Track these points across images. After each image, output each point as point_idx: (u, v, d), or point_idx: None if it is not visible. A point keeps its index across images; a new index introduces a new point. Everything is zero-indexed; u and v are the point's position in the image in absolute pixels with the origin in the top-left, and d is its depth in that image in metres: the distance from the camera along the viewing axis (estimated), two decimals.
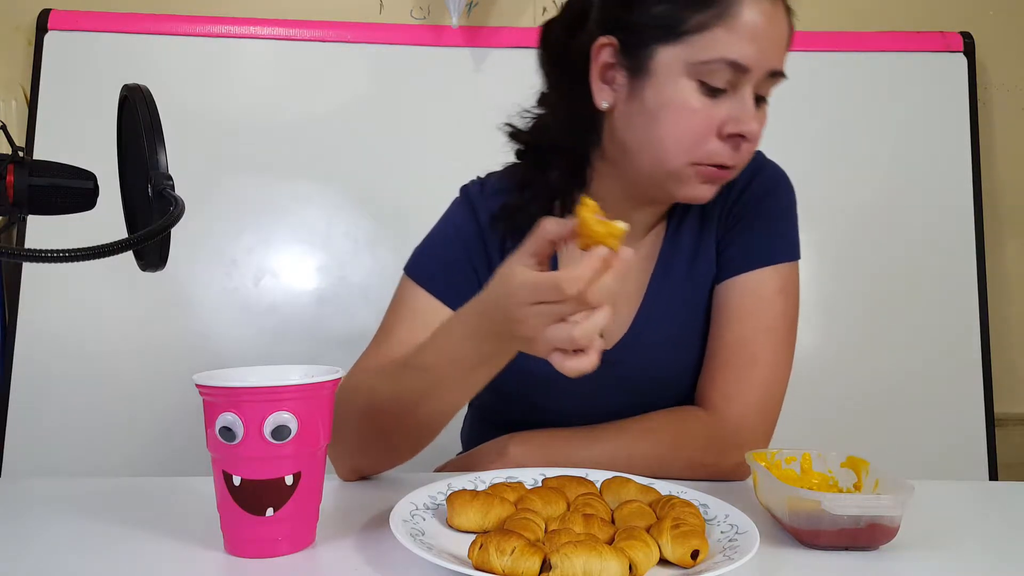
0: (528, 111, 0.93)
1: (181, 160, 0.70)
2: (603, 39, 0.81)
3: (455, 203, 0.97)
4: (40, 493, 0.78)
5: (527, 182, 0.91)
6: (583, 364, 0.60)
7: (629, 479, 0.72)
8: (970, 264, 1.74)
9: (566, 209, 0.91)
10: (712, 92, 0.77)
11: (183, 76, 1.68)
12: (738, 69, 0.76)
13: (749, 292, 0.88)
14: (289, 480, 0.60)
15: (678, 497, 0.68)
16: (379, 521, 0.68)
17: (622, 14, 0.80)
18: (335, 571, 0.59)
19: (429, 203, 1.79)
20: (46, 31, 1.65)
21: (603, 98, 0.83)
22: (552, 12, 1.82)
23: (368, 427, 0.79)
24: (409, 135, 1.71)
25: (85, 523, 0.68)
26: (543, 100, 0.92)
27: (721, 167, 0.80)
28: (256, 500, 0.59)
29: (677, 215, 0.93)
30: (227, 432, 0.58)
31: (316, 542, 0.64)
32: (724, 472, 0.83)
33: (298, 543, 0.62)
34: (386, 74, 1.72)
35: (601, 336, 0.61)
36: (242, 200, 1.67)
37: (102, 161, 0.71)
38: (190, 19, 1.70)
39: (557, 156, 0.89)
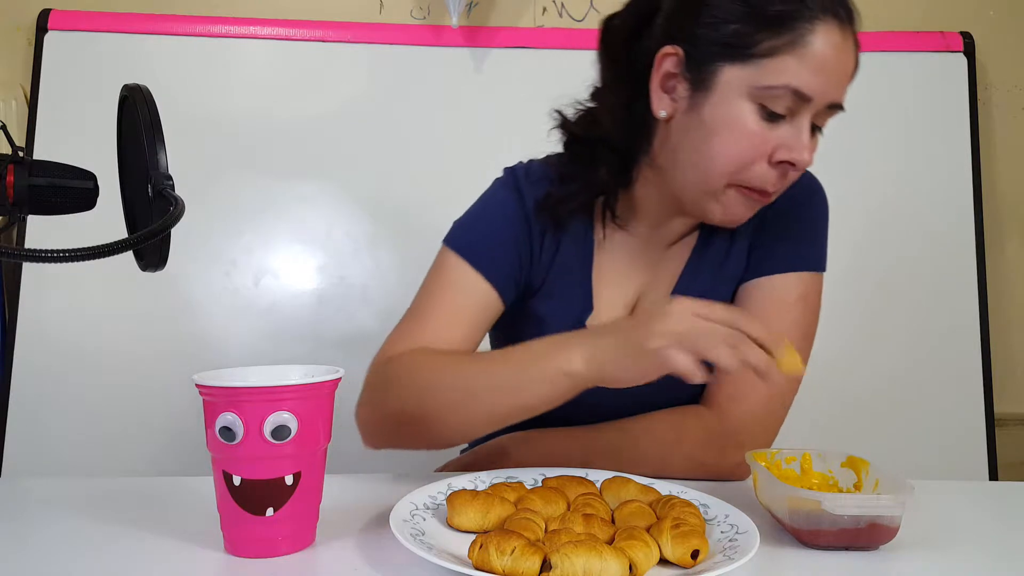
0: (580, 103, 0.91)
1: (181, 160, 0.70)
2: (668, 48, 0.80)
3: (500, 183, 0.94)
4: (40, 493, 0.78)
5: (571, 175, 0.90)
6: (690, 366, 0.63)
7: (629, 479, 0.72)
8: (970, 264, 1.74)
9: (607, 206, 0.90)
10: (770, 117, 0.76)
11: (183, 76, 1.68)
12: (800, 98, 0.75)
13: (769, 294, 0.89)
14: (289, 480, 0.60)
15: (678, 497, 0.68)
16: (379, 521, 0.68)
17: (692, 27, 0.79)
18: (335, 571, 0.59)
19: (429, 203, 1.79)
20: (46, 31, 1.65)
21: (662, 107, 0.82)
22: (552, 12, 1.83)
23: (415, 410, 0.79)
24: (409, 135, 1.71)
25: (85, 523, 0.68)
26: (596, 95, 0.91)
27: (762, 192, 0.80)
28: (256, 500, 0.59)
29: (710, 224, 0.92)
30: (227, 432, 0.58)
31: (316, 542, 0.64)
32: (724, 471, 0.83)
33: (298, 543, 0.62)
34: (386, 74, 1.72)
35: None
36: (242, 200, 1.67)
37: (102, 161, 0.71)
38: (190, 19, 1.70)
39: (607, 153, 0.88)
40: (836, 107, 0.79)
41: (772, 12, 0.74)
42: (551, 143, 0.96)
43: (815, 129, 0.79)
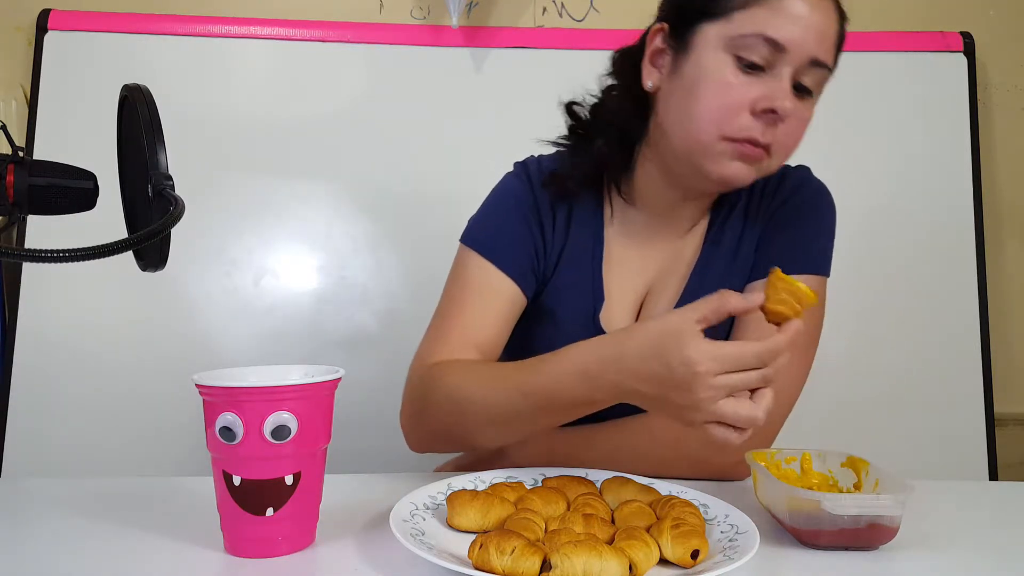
0: (593, 95, 0.95)
1: (181, 160, 0.70)
2: (656, 25, 0.86)
3: (511, 176, 0.96)
4: (40, 493, 0.78)
5: (575, 152, 0.94)
6: (738, 439, 0.63)
7: (629, 479, 0.72)
8: (970, 264, 1.74)
9: (612, 180, 0.93)
10: (749, 68, 0.79)
11: (183, 76, 1.67)
12: (775, 47, 0.77)
13: None
14: (289, 480, 0.60)
15: (678, 497, 0.68)
16: (379, 521, 0.68)
17: (676, 1, 0.85)
18: (335, 571, 0.59)
19: (429, 203, 1.79)
20: (46, 31, 1.65)
21: (649, 79, 0.86)
22: (552, 12, 1.83)
23: (453, 426, 0.82)
24: (409, 135, 1.71)
25: (85, 523, 0.68)
26: (603, 84, 0.94)
27: (754, 144, 0.80)
28: (256, 500, 0.59)
29: (722, 214, 0.93)
30: (227, 432, 0.58)
31: (316, 542, 0.64)
32: (724, 470, 0.83)
33: (298, 543, 0.62)
34: (386, 74, 1.72)
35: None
36: (242, 200, 1.66)
37: (102, 161, 0.71)
38: (190, 19, 1.69)
39: (605, 127, 0.92)
40: (820, 65, 0.80)
41: None
42: (552, 143, 0.97)
43: (804, 91, 0.81)
